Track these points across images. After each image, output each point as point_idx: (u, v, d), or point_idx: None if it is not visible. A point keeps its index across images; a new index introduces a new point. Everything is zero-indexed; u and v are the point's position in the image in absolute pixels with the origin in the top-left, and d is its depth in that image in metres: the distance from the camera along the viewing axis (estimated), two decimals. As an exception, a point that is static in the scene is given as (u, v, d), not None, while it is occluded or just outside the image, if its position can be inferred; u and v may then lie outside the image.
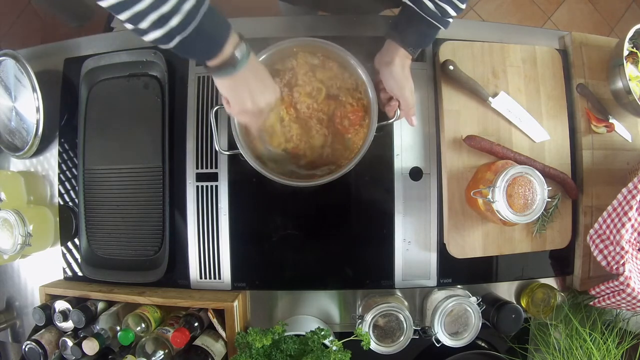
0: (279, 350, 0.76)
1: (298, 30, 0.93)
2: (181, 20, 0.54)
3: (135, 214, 0.90)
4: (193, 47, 0.59)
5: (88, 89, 0.92)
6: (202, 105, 0.89)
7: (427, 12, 0.69)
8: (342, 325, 0.91)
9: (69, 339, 0.83)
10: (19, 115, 0.94)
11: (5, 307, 1.00)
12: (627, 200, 0.78)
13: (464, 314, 0.84)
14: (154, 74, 0.91)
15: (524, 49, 0.90)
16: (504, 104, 0.87)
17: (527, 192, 0.76)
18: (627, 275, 0.78)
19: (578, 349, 0.82)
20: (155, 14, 0.53)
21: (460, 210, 0.86)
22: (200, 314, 0.86)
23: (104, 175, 0.91)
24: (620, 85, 0.87)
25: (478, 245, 0.87)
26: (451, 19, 0.71)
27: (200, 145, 0.89)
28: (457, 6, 0.69)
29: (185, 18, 0.54)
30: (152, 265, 0.89)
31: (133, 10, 0.53)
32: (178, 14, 0.54)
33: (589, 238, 0.84)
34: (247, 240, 0.89)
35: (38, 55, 0.97)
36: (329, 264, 0.89)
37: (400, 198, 0.88)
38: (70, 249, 0.95)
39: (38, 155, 0.97)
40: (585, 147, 0.91)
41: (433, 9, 0.69)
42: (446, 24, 0.71)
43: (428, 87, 0.89)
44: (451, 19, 0.71)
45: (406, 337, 0.83)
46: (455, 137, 0.86)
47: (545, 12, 2.09)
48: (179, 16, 0.54)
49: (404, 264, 0.88)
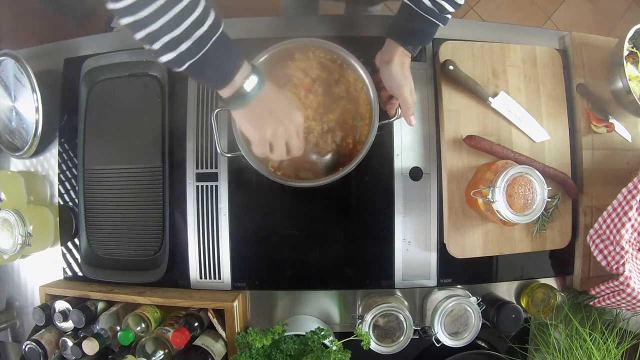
0: (279, 350, 0.76)
1: (298, 30, 0.93)
2: (190, 46, 0.55)
3: (135, 214, 0.90)
4: (203, 74, 0.60)
5: (88, 89, 0.92)
6: (202, 106, 0.89)
7: (425, 10, 0.69)
8: (342, 325, 0.91)
9: (69, 339, 0.83)
10: (19, 115, 0.93)
11: (5, 307, 1.00)
12: (627, 200, 0.78)
13: (464, 314, 0.84)
14: (154, 74, 0.90)
15: (524, 49, 0.90)
16: (504, 104, 0.87)
17: (527, 192, 0.76)
18: (627, 275, 0.78)
19: (578, 349, 0.82)
20: (168, 37, 0.54)
21: (460, 210, 0.86)
22: (200, 314, 0.86)
23: (104, 175, 0.91)
24: (620, 85, 0.87)
25: (478, 245, 0.87)
26: (449, 15, 0.71)
27: (200, 145, 0.89)
28: (454, 2, 0.70)
29: (195, 45, 0.55)
30: (152, 265, 0.89)
31: (147, 31, 0.53)
32: (189, 40, 0.54)
33: (589, 238, 0.84)
34: (247, 240, 0.89)
35: (38, 55, 0.97)
36: (329, 264, 0.89)
37: (400, 198, 0.88)
38: (70, 249, 0.95)
39: (38, 155, 0.97)
40: (585, 147, 0.91)
41: (431, 6, 0.69)
42: (444, 21, 0.72)
43: (428, 87, 0.89)
44: (449, 16, 0.72)
45: (406, 337, 0.83)
46: (455, 137, 0.86)
47: (545, 12, 2.09)
48: (189, 42, 0.54)
49: (404, 264, 0.88)
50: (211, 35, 0.56)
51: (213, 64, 0.58)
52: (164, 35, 0.54)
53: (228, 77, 0.60)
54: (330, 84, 0.82)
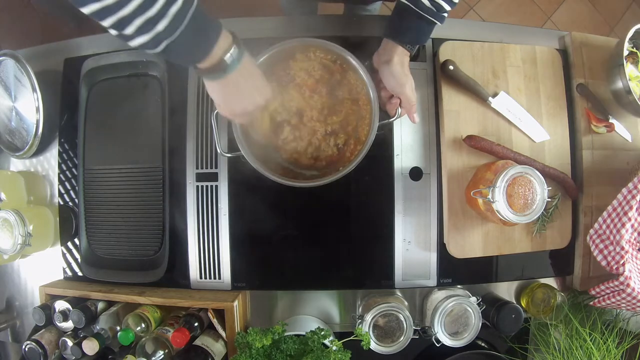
0: (279, 350, 0.76)
1: (298, 30, 0.93)
2: (168, 24, 0.52)
3: (135, 214, 0.90)
4: (180, 52, 0.57)
5: (88, 89, 0.92)
6: (202, 105, 0.89)
7: (423, 8, 0.70)
8: (342, 325, 0.91)
9: (69, 339, 0.83)
10: (19, 115, 0.94)
11: (5, 307, 1.00)
12: (627, 200, 0.78)
13: (464, 314, 0.84)
14: (154, 74, 0.91)
15: (524, 49, 0.90)
16: (504, 103, 0.87)
17: (527, 192, 0.76)
18: (627, 275, 0.78)
19: (578, 349, 0.82)
20: (141, 19, 0.51)
21: (460, 210, 0.86)
22: (200, 314, 0.86)
23: (104, 175, 0.91)
24: (620, 85, 0.87)
25: (478, 245, 0.87)
26: (446, 13, 0.72)
27: (200, 145, 0.89)
28: (451, 1, 0.70)
29: (172, 22, 0.52)
30: (152, 265, 0.89)
31: (117, 16, 0.50)
32: (165, 18, 0.52)
33: (589, 238, 0.84)
34: (247, 240, 0.89)
35: (38, 55, 0.97)
36: (329, 264, 0.89)
37: (400, 198, 0.88)
38: (70, 249, 0.95)
39: (38, 155, 0.97)
40: (585, 147, 0.91)
41: (428, 5, 0.69)
42: (442, 19, 0.72)
43: (428, 87, 0.89)
44: (446, 14, 0.72)
45: (406, 337, 0.83)
46: (455, 137, 0.86)
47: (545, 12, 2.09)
48: (165, 20, 0.52)
49: (404, 264, 0.88)
50: (187, 9, 0.53)
51: (193, 40, 0.56)
52: (137, 17, 0.51)
53: (207, 51, 0.58)
54: (334, 85, 0.81)
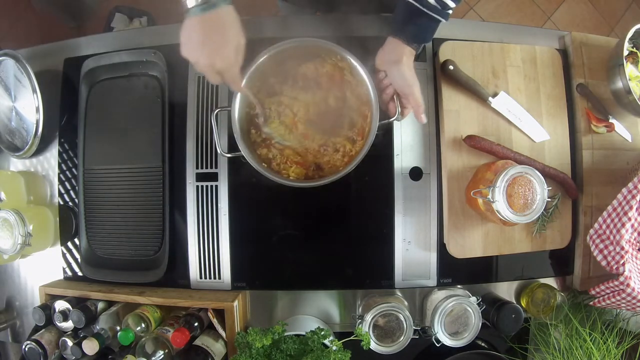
0: (279, 350, 0.76)
1: (298, 30, 0.93)
2: None
3: (135, 214, 0.90)
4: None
5: (88, 89, 0.92)
6: (202, 105, 0.89)
7: (428, 7, 0.70)
8: (342, 325, 0.91)
9: (69, 339, 0.83)
10: (19, 115, 0.93)
11: (5, 307, 1.00)
12: (627, 200, 0.78)
13: (464, 314, 0.84)
14: (154, 74, 0.91)
15: (524, 49, 0.90)
16: (504, 103, 0.87)
17: (527, 192, 0.76)
18: (627, 275, 0.78)
19: (578, 349, 0.82)
20: None
21: (460, 210, 0.86)
22: (200, 314, 0.86)
23: (104, 175, 0.91)
24: (620, 85, 0.87)
25: (478, 245, 0.87)
26: (451, 10, 0.73)
27: (200, 145, 0.89)
28: None
29: None
30: (152, 265, 0.89)
31: None
32: None
33: (589, 238, 0.84)
34: (247, 240, 0.89)
35: (38, 55, 0.97)
36: (329, 264, 0.89)
37: (400, 198, 0.88)
38: (70, 248, 0.95)
39: (38, 155, 0.97)
40: (585, 147, 0.91)
41: (434, 3, 0.70)
42: (447, 16, 0.73)
43: (428, 87, 0.89)
44: (451, 11, 0.73)
45: (406, 337, 0.83)
46: (455, 137, 0.86)
47: (545, 12, 2.09)
48: None
49: (404, 264, 0.88)
50: None
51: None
52: None
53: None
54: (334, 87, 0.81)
